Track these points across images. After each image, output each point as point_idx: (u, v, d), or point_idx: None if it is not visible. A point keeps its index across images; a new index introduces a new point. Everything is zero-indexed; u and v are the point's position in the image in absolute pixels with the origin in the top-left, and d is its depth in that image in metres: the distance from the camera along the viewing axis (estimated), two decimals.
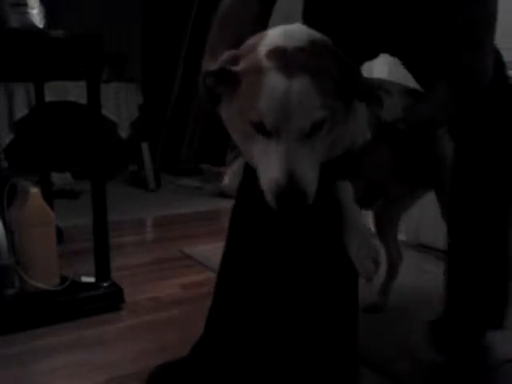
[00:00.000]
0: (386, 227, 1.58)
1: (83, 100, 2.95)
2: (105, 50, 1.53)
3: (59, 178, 3.49)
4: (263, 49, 0.82)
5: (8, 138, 3.18)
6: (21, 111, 3.23)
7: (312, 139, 0.80)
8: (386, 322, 1.51)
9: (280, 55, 0.80)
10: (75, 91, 3.31)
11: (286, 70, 0.78)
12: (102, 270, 1.62)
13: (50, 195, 2.00)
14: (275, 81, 0.78)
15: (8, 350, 1.36)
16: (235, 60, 0.84)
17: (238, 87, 0.82)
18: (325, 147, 0.85)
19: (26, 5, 1.49)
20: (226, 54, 0.86)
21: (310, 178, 0.79)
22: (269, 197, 0.79)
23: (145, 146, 3.67)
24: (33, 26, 1.50)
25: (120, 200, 3.11)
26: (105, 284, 1.61)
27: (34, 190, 1.55)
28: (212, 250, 1.96)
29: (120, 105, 3.68)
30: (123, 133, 3.71)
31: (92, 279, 1.63)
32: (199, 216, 2.80)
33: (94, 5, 3.99)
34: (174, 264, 2.07)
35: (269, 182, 0.79)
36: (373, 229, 1.62)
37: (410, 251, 2.05)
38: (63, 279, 1.60)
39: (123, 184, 3.86)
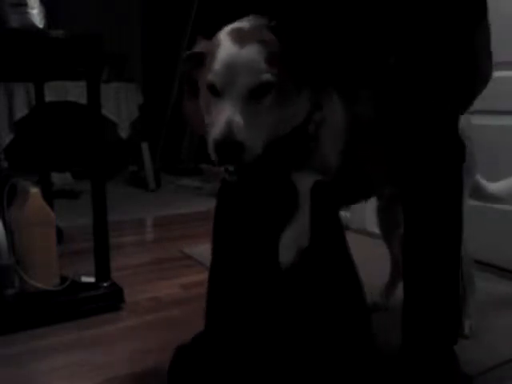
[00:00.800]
0: (389, 228, 1.58)
1: (83, 100, 2.94)
2: (105, 50, 1.53)
3: (59, 178, 3.49)
4: (224, 31, 0.95)
5: (8, 138, 3.18)
6: (21, 111, 3.23)
7: (258, 102, 0.89)
8: (387, 322, 1.51)
9: (236, 32, 0.93)
10: (75, 91, 3.31)
11: (238, 41, 0.90)
12: (102, 270, 1.62)
13: (50, 195, 2.00)
14: (227, 48, 0.90)
15: (8, 349, 1.36)
16: (204, 45, 0.98)
17: (204, 65, 0.95)
18: (272, 116, 0.92)
19: (26, 5, 1.48)
20: (198, 43, 1.00)
21: (248, 133, 0.87)
22: (209, 148, 0.88)
23: (145, 146, 3.67)
24: (33, 26, 1.50)
25: (120, 200, 3.11)
26: (105, 284, 1.61)
27: (34, 190, 1.55)
28: None
29: (120, 105, 3.68)
30: (123, 133, 3.70)
31: (92, 279, 1.63)
32: (199, 216, 2.80)
33: (94, 5, 3.99)
34: (173, 264, 2.07)
35: (212, 135, 0.88)
36: (377, 230, 1.63)
37: None
38: (63, 279, 1.60)
39: (123, 184, 3.86)
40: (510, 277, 1.90)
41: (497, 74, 1.92)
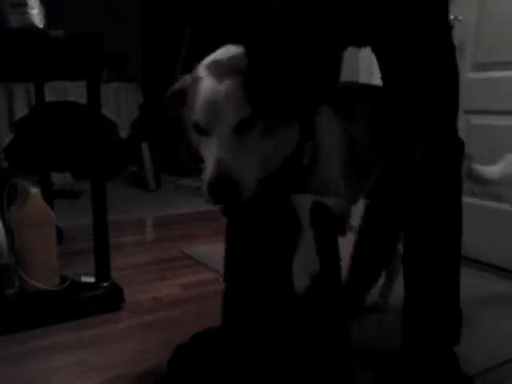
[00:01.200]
0: None
1: (83, 100, 2.94)
2: (105, 50, 1.53)
3: (59, 178, 3.49)
4: (204, 63, 0.94)
5: (8, 138, 3.18)
6: (21, 111, 3.23)
7: (245, 136, 0.88)
8: (387, 322, 1.51)
9: (215, 65, 0.91)
10: (75, 91, 3.31)
11: (217, 75, 0.89)
12: (102, 270, 1.62)
13: (50, 195, 2.00)
14: (207, 84, 0.89)
15: (8, 350, 1.36)
16: (185, 81, 0.96)
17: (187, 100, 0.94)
18: (262, 148, 0.90)
19: (26, 5, 1.48)
20: (180, 79, 0.99)
21: (241, 169, 0.86)
22: (204, 188, 0.86)
23: (145, 146, 3.68)
24: (33, 26, 1.50)
25: (120, 200, 3.11)
26: (105, 284, 1.61)
27: (34, 190, 1.55)
28: (212, 250, 1.96)
29: (120, 105, 3.68)
30: (123, 133, 3.71)
31: (92, 279, 1.63)
32: (199, 216, 2.80)
33: (94, 5, 3.99)
34: (173, 264, 2.07)
35: (205, 174, 0.87)
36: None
37: None
38: (63, 279, 1.60)
39: (123, 184, 3.87)
40: (510, 277, 1.90)
41: (497, 73, 1.93)
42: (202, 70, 0.92)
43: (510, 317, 1.57)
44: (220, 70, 0.89)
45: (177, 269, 2.01)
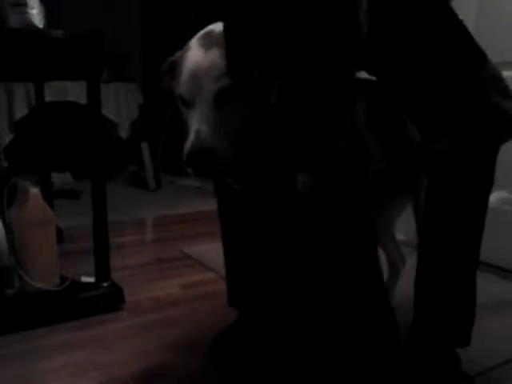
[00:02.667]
0: (379, 232, 1.57)
1: (83, 100, 2.94)
2: (105, 50, 1.53)
3: (59, 178, 3.49)
4: (197, 36, 0.92)
5: (8, 138, 3.17)
6: (21, 111, 3.23)
7: (226, 108, 0.86)
8: None
9: (204, 36, 0.90)
10: (75, 91, 3.31)
11: (204, 46, 0.87)
12: (102, 270, 1.62)
13: (50, 195, 2.01)
14: (192, 55, 0.88)
15: (8, 350, 1.36)
16: (177, 55, 0.95)
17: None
18: (244, 120, 0.89)
19: (25, 5, 1.48)
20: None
21: (220, 140, 0.85)
22: (183, 158, 0.87)
23: (145, 146, 3.67)
24: (33, 26, 1.50)
25: (120, 200, 3.11)
26: (105, 284, 1.61)
27: (34, 190, 1.54)
28: (212, 250, 1.96)
29: (120, 105, 3.68)
30: (123, 133, 3.70)
31: (92, 279, 1.63)
32: (199, 216, 2.80)
33: (93, 5, 3.99)
34: (173, 264, 2.07)
35: (185, 146, 0.88)
36: None
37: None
38: (63, 279, 1.60)
39: (123, 184, 3.86)
40: (511, 277, 1.90)
41: None
42: (193, 41, 0.91)
43: (510, 317, 1.57)
44: (208, 41, 0.88)
45: (177, 269, 2.01)
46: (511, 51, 1.85)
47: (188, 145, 0.86)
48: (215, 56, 0.85)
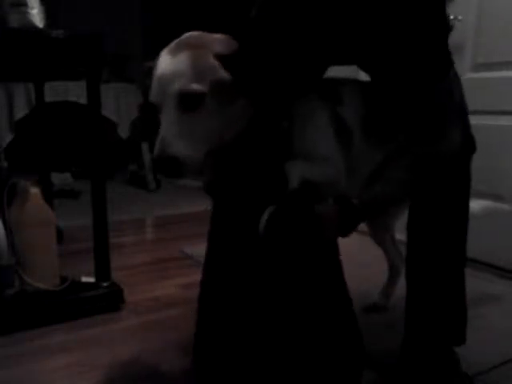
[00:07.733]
0: (379, 233, 1.57)
1: (83, 100, 2.95)
2: (105, 50, 1.53)
3: (59, 178, 3.49)
4: (174, 41, 0.92)
5: (8, 138, 3.18)
6: (21, 111, 3.23)
7: (192, 113, 0.87)
8: (387, 322, 1.51)
9: (175, 44, 0.91)
10: (75, 91, 3.31)
11: (172, 52, 0.88)
12: (102, 269, 1.62)
13: (50, 195, 2.00)
14: (161, 61, 0.89)
15: (8, 349, 1.36)
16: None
17: None
18: (211, 125, 0.89)
19: (25, 5, 1.48)
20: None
21: (183, 145, 0.86)
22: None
23: (145, 146, 3.68)
24: (33, 26, 1.50)
25: (120, 200, 3.11)
26: (105, 284, 1.61)
27: (34, 190, 1.54)
28: None
29: (120, 105, 3.68)
30: (123, 133, 3.71)
31: (92, 279, 1.63)
32: (199, 216, 2.79)
33: (94, 5, 3.99)
34: (173, 264, 2.07)
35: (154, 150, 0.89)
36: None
37: None
38: (63, 279, 1.60)
39: (123, 184, 3.86)
40: (510, 277, 1.90)
41: (497, 74, 1.93)
42: (164, 49, 0.92)
43: (509, 317, 1.57)
44: (176, 48, 0.89)
45: (177, 269, 2.01)
46: (511, 51, 1.85)
47: (154, 151, 0.88)
48: (180, 61, 0.87)
